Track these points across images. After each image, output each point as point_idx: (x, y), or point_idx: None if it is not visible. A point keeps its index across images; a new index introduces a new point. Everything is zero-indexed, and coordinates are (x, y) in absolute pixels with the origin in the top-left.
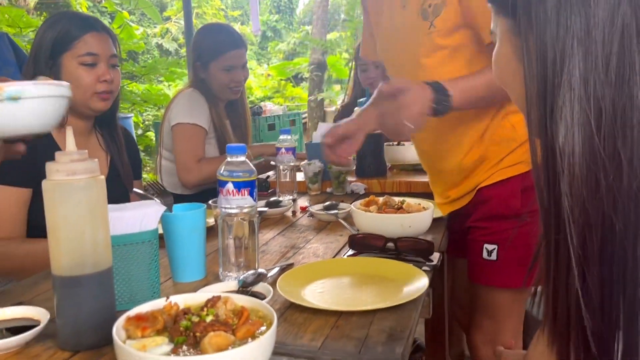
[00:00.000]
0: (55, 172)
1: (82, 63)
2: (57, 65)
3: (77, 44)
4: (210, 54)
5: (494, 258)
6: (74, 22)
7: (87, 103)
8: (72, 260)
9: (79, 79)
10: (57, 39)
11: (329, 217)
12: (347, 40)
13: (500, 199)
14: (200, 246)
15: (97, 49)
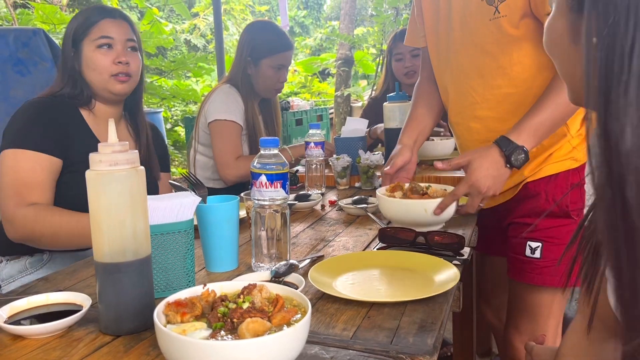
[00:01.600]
0: (99, 163)
1: (98, 46)
2: (79, 51)
3: (93, 29)
4: (264, 51)
5: (537, 256)
6: (92, 11)
7: (106, 86)
8: (113, 248)
9: (95, 61)
10: (77, 27)
11: (358, 211)
12: (375, 35)
13: (548, 194)
14: (234, 237)
15: (112, 32)
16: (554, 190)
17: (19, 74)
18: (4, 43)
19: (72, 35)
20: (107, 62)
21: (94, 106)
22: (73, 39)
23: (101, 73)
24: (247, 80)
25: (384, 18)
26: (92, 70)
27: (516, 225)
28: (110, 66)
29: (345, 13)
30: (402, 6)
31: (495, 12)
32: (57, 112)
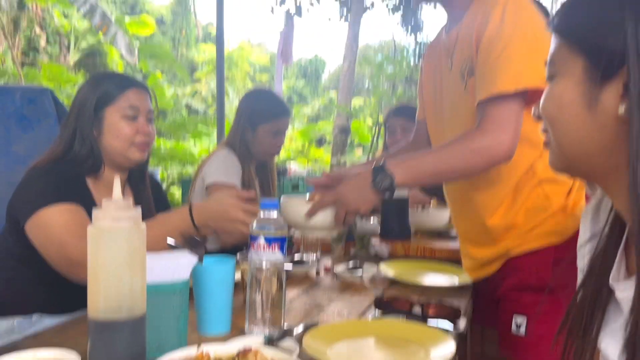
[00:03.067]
0: (101, 219)
1: (124, 116)
2: (100, 118)
3: (120, 98)
4: (262, 117)
5: (522, 332)
6: (116, 79)
7: (125, 154)
8: (109, 305)
9: (120, 130)
10: (102, 94)
11: (353, 278)
12: (371, 107)
13: (531, 269)
14: (228, 299)
15: (138, 103)
16: (536, 265)
17: (22, 130)
18: (11, 100)
19: (95, 100)
20: (131, 132)
21: (102, 173)
22: (96, 105)
23: (124, 141)
24: (244, 144)
25: (381, 91)
26: (114, 138)
27: (504, 299)
28: (134, 136)
29: (344, 85)
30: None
31: (465, 86)
32: (67, 176)
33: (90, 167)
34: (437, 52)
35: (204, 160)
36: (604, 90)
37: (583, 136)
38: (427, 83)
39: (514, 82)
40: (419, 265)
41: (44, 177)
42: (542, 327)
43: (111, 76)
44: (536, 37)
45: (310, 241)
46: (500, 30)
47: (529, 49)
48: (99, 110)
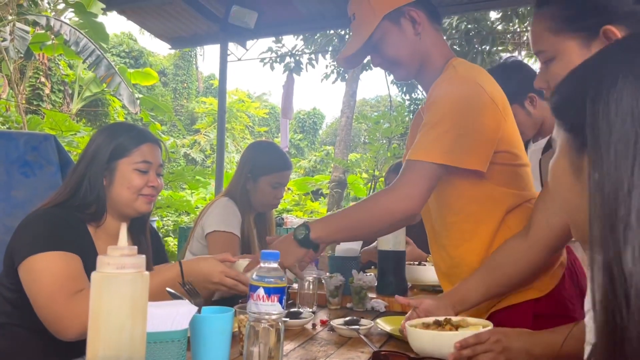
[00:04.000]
0: (106, 265)
1: (136, 169)
2: (112, 168)
3: (134, 152)
4: (264, 169)
5: None
6: (133, 133)
7: (132, 204)
8: (108, 354)
9: (131, 182)
10: (117, 146)
11: (351, 333)
12: (368, 161)
13: (511, 323)
14: (225, 350)
15: (151, 158)
16: (516, 319)
17: (23, 175)
18: (14, 146)
19: (110, 151)
20: (142, 184)
21: (103, 222)
22: (110, 156)
23: (133, 193)
24: (245, 194)
25: (377, 147)
26: (124, 189)
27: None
28: (143, 188)
29: (341, 139)
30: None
31: None
32: (70, 224)
33: (93, 214)
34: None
35: (204, 209)
36: (584, 159)
37: (579, 204)
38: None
39: (425, 155)
40: None
41: (45, 221)
42: None
43: (128, 129)
44: (463, 116)
45: (307, 293)
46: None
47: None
48: (112, 161)
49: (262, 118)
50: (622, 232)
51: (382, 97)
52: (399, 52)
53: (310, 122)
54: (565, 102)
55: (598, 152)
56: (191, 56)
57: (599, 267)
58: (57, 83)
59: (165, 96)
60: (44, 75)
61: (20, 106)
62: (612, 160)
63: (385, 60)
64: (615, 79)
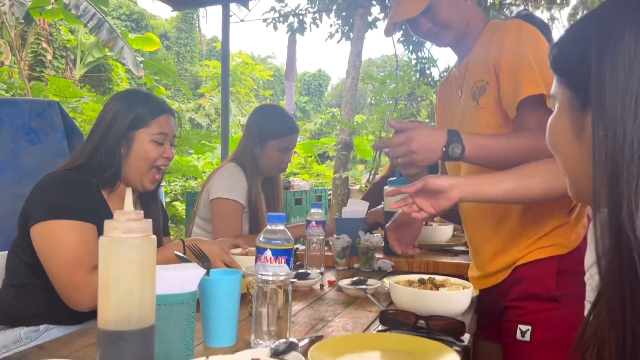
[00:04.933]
0: (113, 230)
1: (153, 140)
2: (130, 138)
3: (152, 123)
4: (271, 134)
5: (527, 339)
6: (151, 104)
7: (142, 176)
8: (119, 315)
9: (148, 153)
10: (135, 117)
11: (358, 292)
12: (374, 122)
13: (536, 278)
14: (234, 311)
15: (167, 129)
16: (540, 274)
17: (29, 142)
18: (19, 112)
19: (129, 122)
20: (157, 155)
21: (117, 187)
22: (129, 126)
23: (147, 164)
24: (252, 159)
25: (383, 108)
26: (141, 160)
27: (509, 309)
28: (157, 158)
29: (347, 101)
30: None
31: (476, 105)
32: (85, 188)
33: (107, 179)
34: (448, 87)
35: (210, 175)
36: (586, 118)
37: (579, 163)
38: (440, 115)
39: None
40: None
41: (63, 185)
42: (547, 334)
43: (146, 99)
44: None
45: (315, 255)
46: (518, 51)
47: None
48: (130, 131)
49: (266, 81)
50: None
51: (388, 57)
52: (452, 16)
53: (316, 84)
54: (567, 57)
55: (603, 108)
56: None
57: (603, 223)
58: (59, 49)
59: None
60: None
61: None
62: (618, 117)
63: (435, 24)
64: (622, 30)
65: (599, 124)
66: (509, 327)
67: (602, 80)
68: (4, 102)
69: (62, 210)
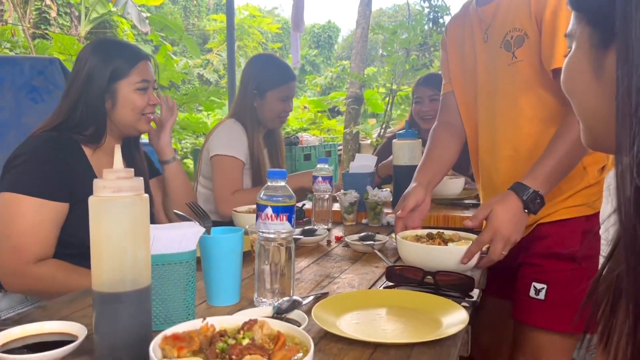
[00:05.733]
0: (102, 189)
1: (137, 89)
2: (113, 91)
3: (132, 72)
4: (270, 83)
5: (541, 297)
6: (127, 53)
7: (135, 124)
8: (112, 277)
9: (134, 102)
10: (115, 69)
11: (365, 248)
12: (385, 75)
13: (559, 237)
14: (237, 270)
15: (148, 75)
16: (565, 234)
17: (32, 101)
18: (19, 71)
19: (108, 74)
20: (143, 103)
21: (103, 143)
22: (109, 79)
23: (136, 112)
24: (252, 112)
25: (394, 59)
26: (128, 110)
27: (525, 265)
28: (145, 107)
29: (357, 52)
30: (412, 47)
31: (512, 57)
32: (62, 150)
33: (91, 136)
34: (464, 25)
35: (210, 132)
36: (607, 57)
37: (596, 106)
38: (453, 56)
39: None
40: None
41: (36, 154)
42: (562, 292)
43: (121, 48)
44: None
45: (321, 210)
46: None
47: None
48: (112, 83)
49: (275, 34)
50: None
51: (399, 7)
52: None
53: (325, 36)
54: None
55: (628, 44)
56: None
57: (625, 169)
58: (63, 5)
59: (175, 15)
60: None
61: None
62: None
63: None
64: None
65: (623, 63)
66: (522, 284)
67: (628, 12)
68: (4, 60)
69: (27, 183)
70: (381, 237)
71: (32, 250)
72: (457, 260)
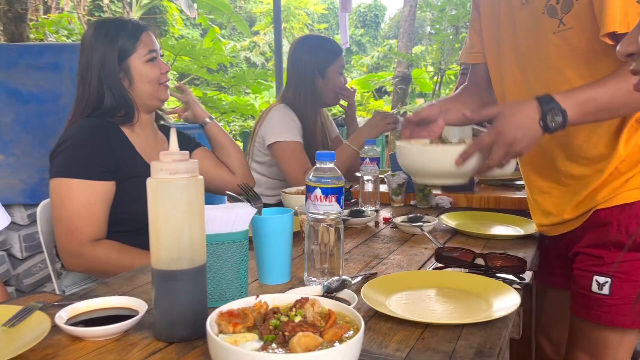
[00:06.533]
0: (159, 171)
1: (147, 60)
2: (126, 69)
3: (138, 45)
4: (327, 60)
5: (605, 292)
6: (128, 29)
7: (155, 94)
8: (169, 255)
9: (148, 74)
10: (121, 47)
11: (413, 229)
12: (433, 53)
13: (621, 224)
14: (287, 250)
15: (153, 45)
16: (627, 220)
17: None
18: (77, 58)
19: (117, 54)
20: (157, 73)
21: (137, 119)
22: (119, 57)
23: (153, 84)
24: (313, 95)
25: (442, 36)
26: (146, 83)
27: (582, 255)
28: (159, 76)
29: (404, 31)
30: (462, 24)
31: (559, 24)
32: (102, 133)
33: (124, 117)
34: None
35: (260, 118)
36: None
37: None
38: (486, 20)
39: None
40: (482, 216)
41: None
42: (631, 287)
43: (121, 25)
44: None
45: (369, 192)
46: None
47: None
48: (122, 61)
49: (321, 15)
50: None
51: None
52: None
53: (372, 15)
54: None
55: None
56: None
57: None
58: None
59: None
60: None
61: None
62: None
63: None
64: None
65: None
66: (581, 276)
67: None
68: (62, 47)
69: (74, 167)
70: (430, 219)
71: (84, 230)
72: (452, 162)
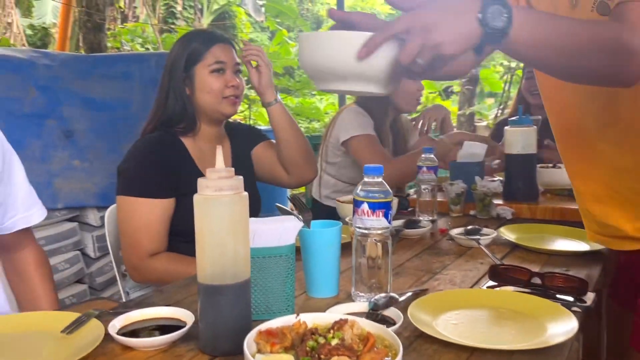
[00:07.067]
0: (205, 188)
1: (211, 71)
2: (191, 76)
3: (207, 54)
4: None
5: None
6: (202, 37)
7: (217, 108)
8: (214, 270)
9: (210, 85)
10: (190, 53)
11: (470, 243)
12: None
13: None
14: (334, 263)
15: (223, 57)
16: None
17: None
18: (147, 66)
19: (185, 59)
20: (220, 86)
21: (199, 129)
22: (186, 63)
23: (215, 96)
24: (385, 99)
25: None
26: (206, 93)
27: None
28: (223, 89)
29: None
30: None
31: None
32: (164, 150)
33: (185, 127)
34: None
35: (333, 118)
36: None
37: None
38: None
39: None
40: (545, 229)
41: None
42: None
43: (198, 34)
44: None
45: (426, 201)
46: None
47: None
48: (189, 68)
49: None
50: None
51: None
52: None
53: None
54: None
55: None
56: None
57: None
58: None
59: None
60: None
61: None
62: None
63: None
64: None
65: None
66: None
67: None
68: (132, 57)
69: (134, 187)
70: (488, 231)
71: (144, 245)
72: (354, 54)
